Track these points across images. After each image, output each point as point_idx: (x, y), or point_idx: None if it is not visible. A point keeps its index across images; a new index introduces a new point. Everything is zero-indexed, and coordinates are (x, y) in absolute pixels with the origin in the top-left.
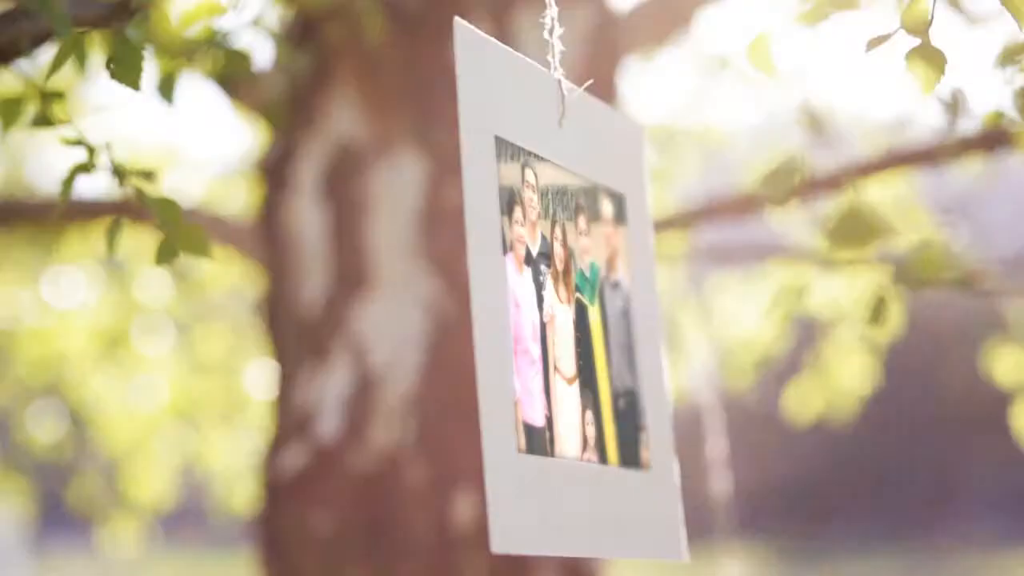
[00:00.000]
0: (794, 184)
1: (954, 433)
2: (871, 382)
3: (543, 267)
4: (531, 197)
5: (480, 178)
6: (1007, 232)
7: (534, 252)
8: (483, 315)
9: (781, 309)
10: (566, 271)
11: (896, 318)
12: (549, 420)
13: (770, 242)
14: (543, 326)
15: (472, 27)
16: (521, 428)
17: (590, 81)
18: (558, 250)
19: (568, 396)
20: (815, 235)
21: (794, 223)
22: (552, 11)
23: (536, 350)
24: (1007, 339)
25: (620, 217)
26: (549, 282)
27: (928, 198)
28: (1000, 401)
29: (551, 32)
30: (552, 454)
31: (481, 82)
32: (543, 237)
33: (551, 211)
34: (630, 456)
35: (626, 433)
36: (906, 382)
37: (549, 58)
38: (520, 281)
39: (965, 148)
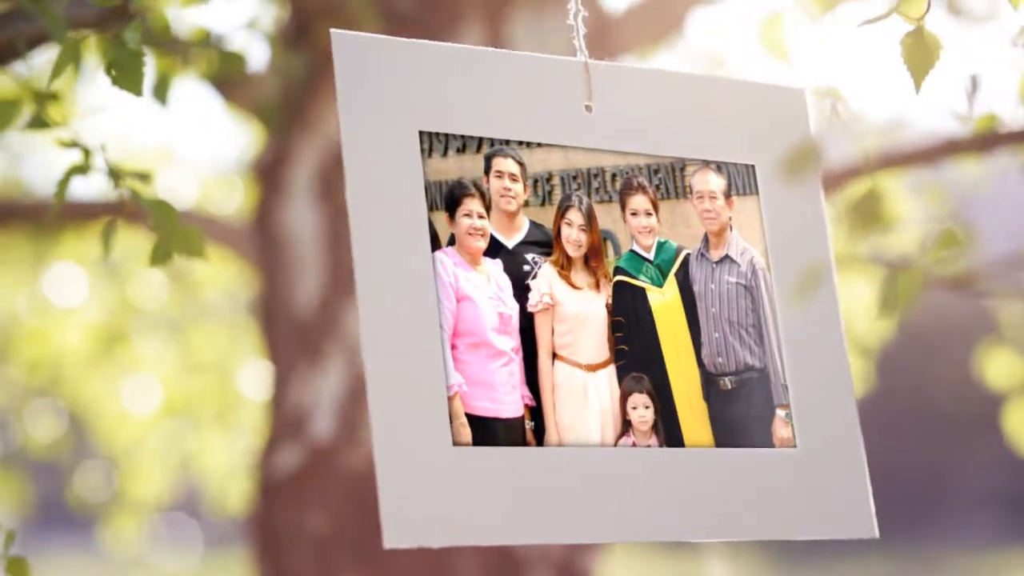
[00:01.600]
0: (812, 169)
1: (946, 435)
2: (863, 384)
3: (532, 256)
4: (507, 187)
5: (377, 178)
6: (998, 233)
7: (510, 243)
8: (374, 316)
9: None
10: (593, 255)
11: (907, 307)
12: (535, 410)
13: None
14: (526, 316)
15: (359, 33)
16: (463, 421)
17: (605, 61)
18: (573, 235)
19: (585, 383)
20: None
21: None
22: None
23: (506, 342)
24: (999, 341)
25: (741, 188)
26: (548, 269)
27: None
28: (992, 403)
29: (576, 16)
30: (540, 443)
31: (381, 80)
32: (535, 225)
33: (558, 196)
34: (752, 436)
35: (742, 412)
36: (898, 384)
37: (574, 42)
38: (470, 275)
39: (960, 149)
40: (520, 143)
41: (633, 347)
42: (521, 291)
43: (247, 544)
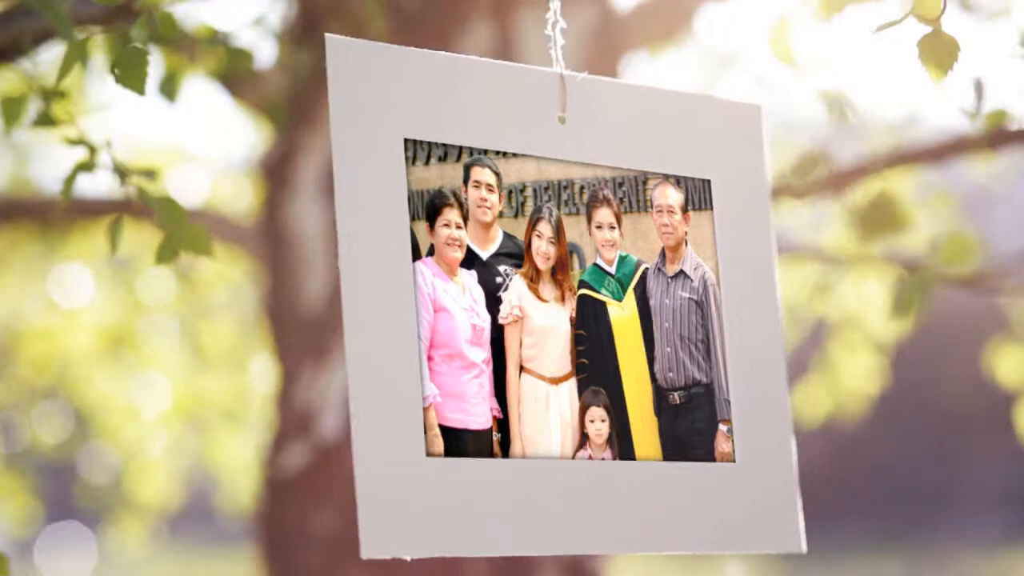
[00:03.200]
0: (819, 174)
1: (957, 433)
2: (878, 381)
3: (504, 268)
4: (483, 197)
5: (365, 185)
6: (1009, 231)
7: (484, 254)
8: (358, 326)
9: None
10: (559, 268)
11: (919, 309)
12: (502, 422)
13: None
14: (497, 328)
15: (355, 40)
16: (436, 431)
17: (584, 73)
18: (543, 248)
19: (548, 396)
20: (821, 231)
21: (799, 220)
22: (555, 4)
23: (478, 353)
24: (1011, 338)
25: (698, 203)
26: (519, 282)
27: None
28: (1004, 401)
29: (554, 26)
30: (506, 455)
31: (373, 87)
32: (508, 237)
33: (530, 208)
34: (697, 450)
35: (687, 427)
36: (909, 381)
37: (551, 52)
38: (447, 286)
39: (970, 146)
40: (497, 153)
41: (593, 361)
42: (493, 303)
43: (256, 542)
